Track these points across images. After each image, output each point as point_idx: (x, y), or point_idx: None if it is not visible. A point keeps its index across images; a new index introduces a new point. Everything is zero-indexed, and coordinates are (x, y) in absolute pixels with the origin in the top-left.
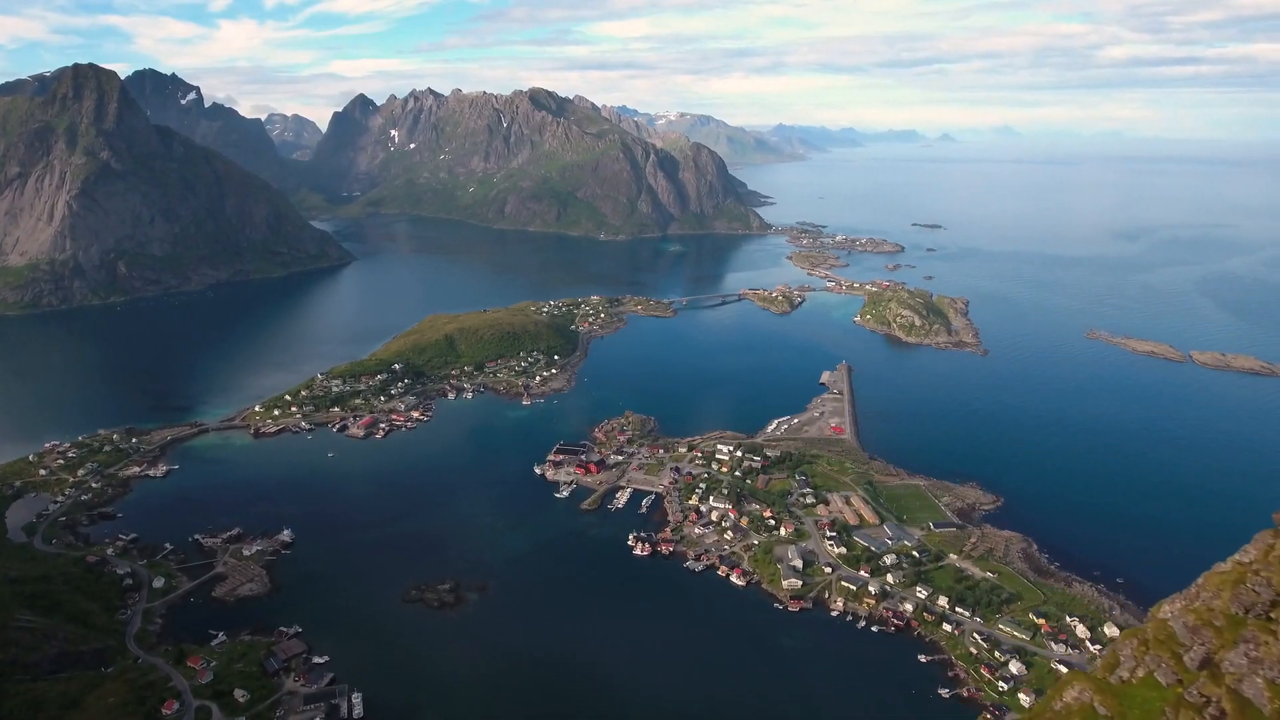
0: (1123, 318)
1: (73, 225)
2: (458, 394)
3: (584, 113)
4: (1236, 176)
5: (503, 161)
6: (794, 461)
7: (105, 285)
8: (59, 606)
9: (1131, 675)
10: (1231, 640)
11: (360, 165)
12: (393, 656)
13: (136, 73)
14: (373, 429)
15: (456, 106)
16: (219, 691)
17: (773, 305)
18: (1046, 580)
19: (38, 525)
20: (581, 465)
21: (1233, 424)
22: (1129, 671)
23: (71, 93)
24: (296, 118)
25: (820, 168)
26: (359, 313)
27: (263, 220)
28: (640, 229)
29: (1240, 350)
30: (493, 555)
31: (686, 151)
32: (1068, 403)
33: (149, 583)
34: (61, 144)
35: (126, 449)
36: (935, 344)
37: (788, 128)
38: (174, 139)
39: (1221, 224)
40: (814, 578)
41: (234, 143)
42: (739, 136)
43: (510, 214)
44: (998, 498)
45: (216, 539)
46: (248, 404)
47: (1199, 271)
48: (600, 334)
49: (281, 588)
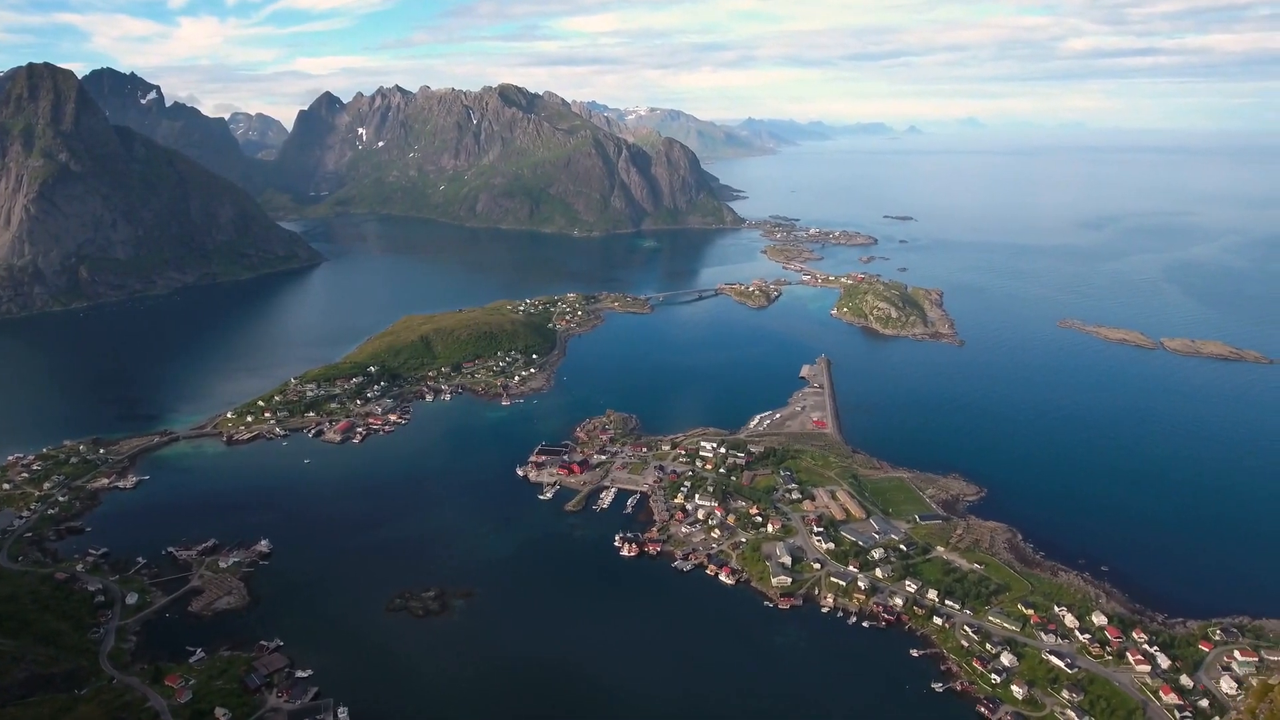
0: (1094, 306)
1: (31, 230)
2: (435, 396)
3: (554, 109)
4: (1195, 165)
5: (473, 159)
6: (778, 457)
7: (66, 291)
8: (27, 627)
9: None
10: None
11: (328, 164)
12: (378, 668)
13: (94, 72)
14: (350, 433)
15: (425, 104)
16: (199, 711)
17: (749, 300)
18: (1033, 570)
19: (3, 542)
20: (564, 466)
21: (1206, 409)
22: None
23: (27, 93)
24: (261, 117)
25: (791, 161)
26: (331, 314)
27: (229, 222)
28: (614, 225)
29: (1209, 336)
30: (477, 560)
31: (658, 146)
32: (1045, 392)
33: (122, 599)
34: (18, 146)
35: (94, 460)
36: (912, 335)
37: (757, 121)
38: (135, 139)
39: (1183, 212)
40: (803, 574)
41: (197, 143)
42: (709, 131)
43: (482, 212)
44: (981, 489)
45: (191, 551)
46: (219, 410)
47: (1165, 259)
48: (578, 332)
49: (261, 600)
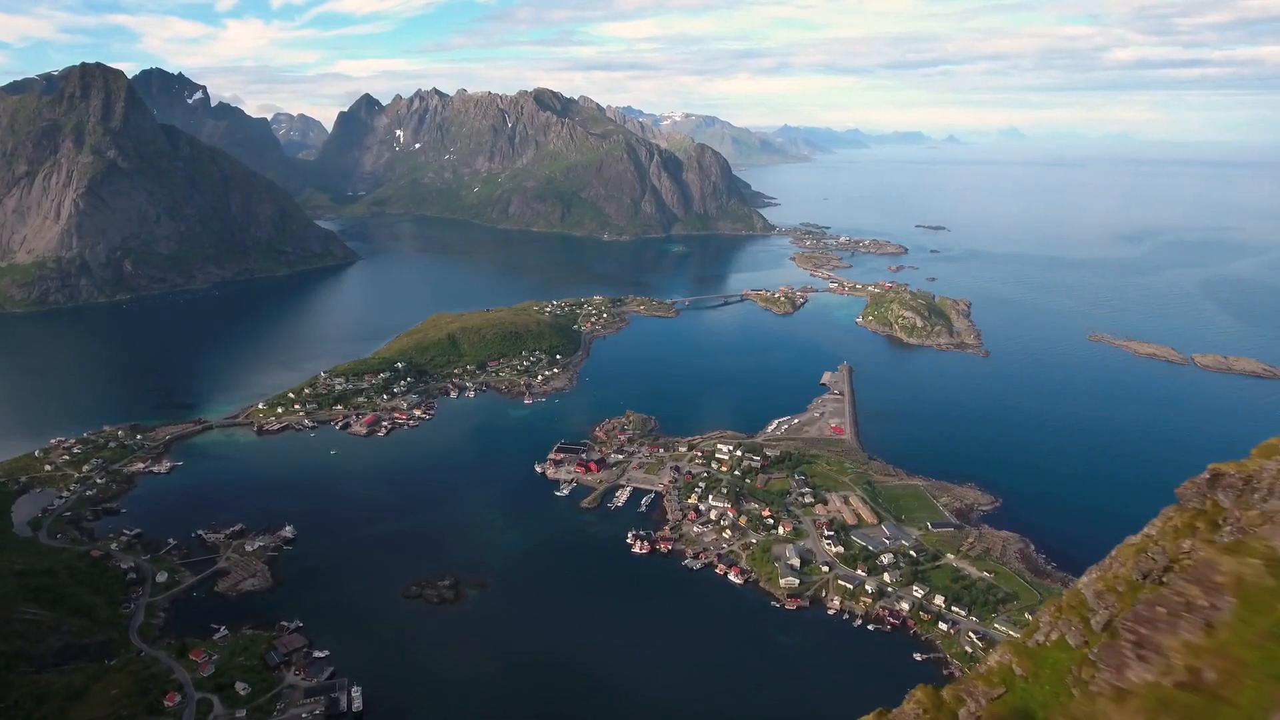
0: (1125, 320)
1: (79, 223)
2: (460, 393)
3: (589, 113)
4: (1243, 179)
5: (507, 162)
6: (793, 461)
7: (111, 283)
8: (63, 600)
9: (1046, 638)
10: (1130, 603)
11: (365, 165)
12: (392, 652)
13: (143, 72)
14: (375, 427)
15: (462, 106)
16: (220, 684)
17: (775, 306)
18: (1043, 580)
19: (43, 520)
20: (582, 464)
21: (1231, 426)
22: (1044, 635)
23: (79, 92)
24: (302, 117)
25: (825, 169)
26: (363, 312)
27: (268, 219)
28: (644, 229)
29: (1242, 353)
30: (493, 553)
31: (691, 152)
32: (1068, 404)
33: (152, 577)
34: (69, 143)
35: (131, 445)
36: (937, 345)
37: (793, 129)
38: (180, 138)
39: (1227, 226)
40: (811, 576)
41: (240, 142)
42: (744, 137)
43: (514, 214)
44: (996, 498)
45: (219, 534)
46: (251, 401)
47: (1203, 274)
48: (602, 334)
49: (283, 583)
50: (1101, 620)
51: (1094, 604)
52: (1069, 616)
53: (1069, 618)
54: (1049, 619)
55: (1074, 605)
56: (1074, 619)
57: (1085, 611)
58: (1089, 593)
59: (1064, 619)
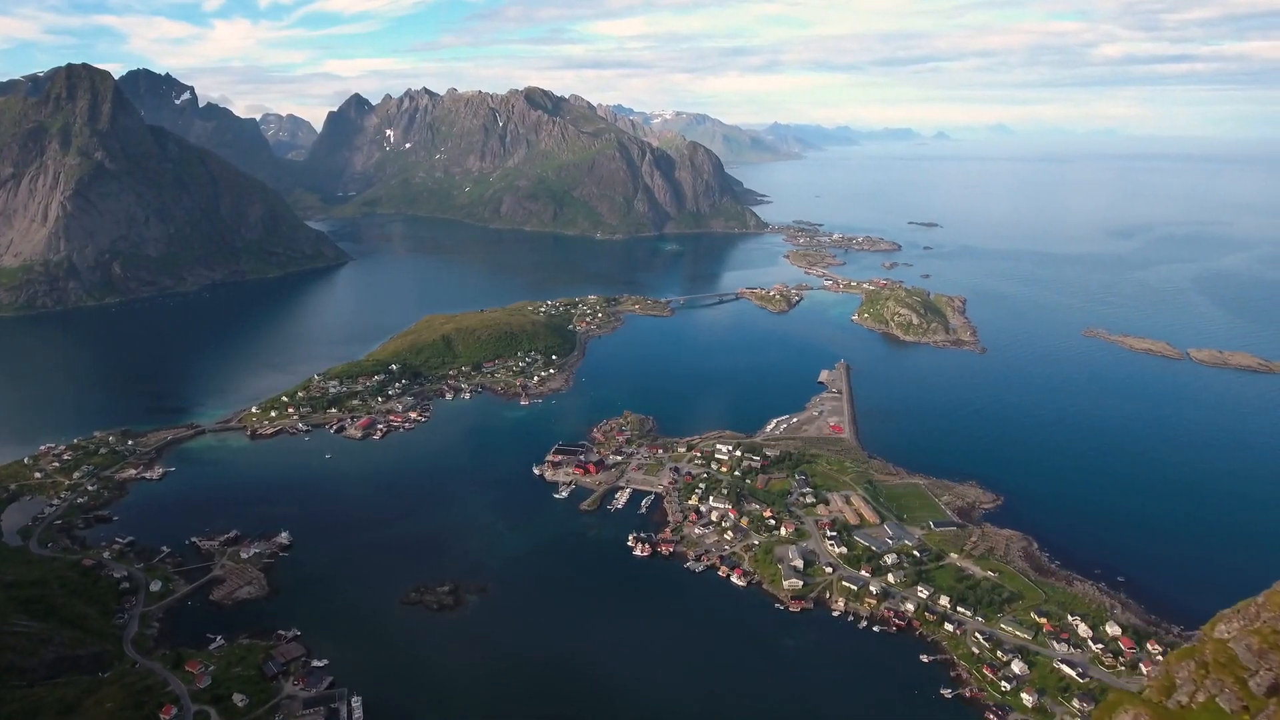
0: (1120, 315)
1: (67, 226)
2: (455, 394)
3: (580, 112)
4: (1231, 173)
5: (498, 161)
6: (793, 461)
7: (100, 286)
8: (55, 610)
9: (1191, 700)
10: None
11: (356, 165)
12: (392, 659)
13: (130, 73)
14: (370, 430)
15: (452, 106)
16: (217, 696)
17: (770, 304)
18: (1047, 579)
19: (33, 529)
20: (580, 465)
21: (1231, 421)
22: (1188, 696)
23: (65, 93)
24: (291, 118)
25: (816, 166)
26: (355, 313)
27: (258, 220)
28: (637, 228)
29: (1238, 348)
30: (492, 556)
31: (683, 150)
32: (1066, 401)
33: (146, 586)
34: (55, 144)
35: (122, 451)
36: (933, 342)
37: (783, 126)
38: (168, 139)
39: (1216, 221)
40: (815, 578)
41: (228, 143)
42: (735, 135)
43: (506, 213)
44: (998, 496)
45: (214, 541)
46: (244, 405)
47: (1195, 269)
48: (598, 334)
49: (280, 590)
50: (1264, 684)
51: (1250, 662)
52: (1218, 675)
53: (1219, 677)
54: (1190, 676)
55: (1222, 663)
56: (1226, 679)
57: (1239, 670)
58: (1239, 649)
59: (1212, 678)
